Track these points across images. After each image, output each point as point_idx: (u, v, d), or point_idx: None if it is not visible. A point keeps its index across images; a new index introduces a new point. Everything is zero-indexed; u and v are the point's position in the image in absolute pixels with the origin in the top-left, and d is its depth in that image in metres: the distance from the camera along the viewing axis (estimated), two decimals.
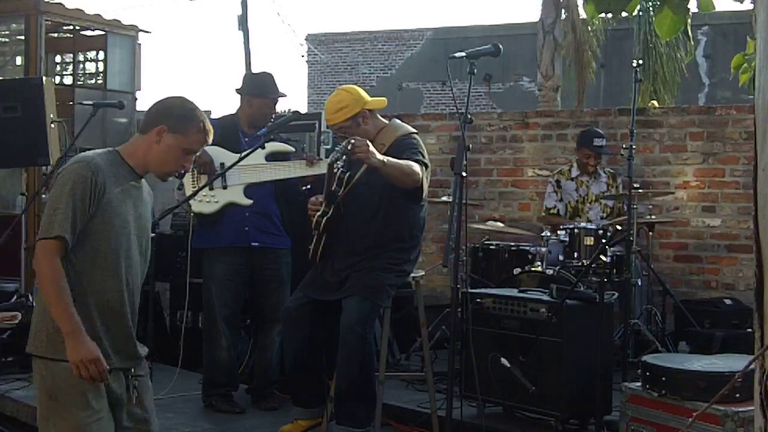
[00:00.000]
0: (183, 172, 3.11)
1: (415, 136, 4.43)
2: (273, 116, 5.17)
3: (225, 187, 4.94)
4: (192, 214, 5.07)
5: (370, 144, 4.08)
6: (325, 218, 4.27)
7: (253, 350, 5.46)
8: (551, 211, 6.53)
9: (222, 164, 4.88)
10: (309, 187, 5.00)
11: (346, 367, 4.18)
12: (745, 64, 4.91)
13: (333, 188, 4.26)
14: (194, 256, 5.16)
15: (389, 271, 4.26)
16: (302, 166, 4.95)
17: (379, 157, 4.06)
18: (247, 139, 5.02)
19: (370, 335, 4.19)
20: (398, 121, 4.57)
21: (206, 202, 4.94)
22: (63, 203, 2.75)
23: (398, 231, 4.33)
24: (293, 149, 5.16)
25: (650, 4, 12.37)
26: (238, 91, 5.17)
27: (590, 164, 6.39)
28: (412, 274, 4.44)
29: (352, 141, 4.03)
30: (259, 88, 5.11)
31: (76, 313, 2.73)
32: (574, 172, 6.49)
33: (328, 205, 4.27)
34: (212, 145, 5.00)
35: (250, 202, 4.96)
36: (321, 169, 4.79)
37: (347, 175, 4.23)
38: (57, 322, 2.73)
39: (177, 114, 2.96)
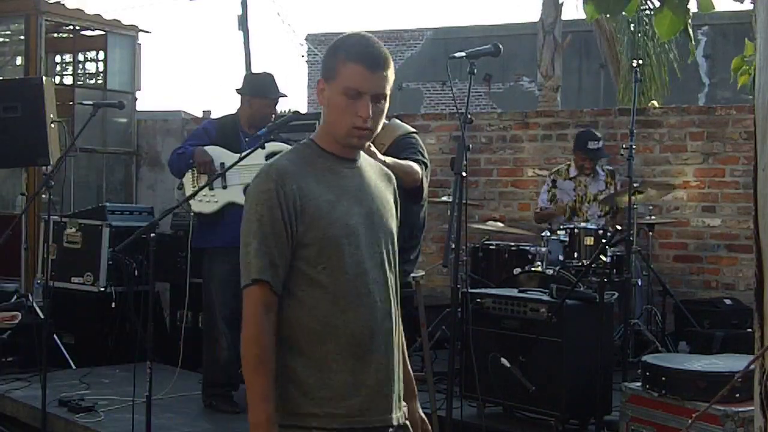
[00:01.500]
0: (364, 127, 2.12)
1: (415, 135, 4.44)
2: (273, 116, 5.18)
3: (225, 187, 4.94)
4: (192, 213, 5.08)
5: (371, 144, 4.08)
6: None
7: None
8: (538, 209, 6.59)
9: (222, 164, 4.89)
10: None
11: None
12: (744, 66, 4.91)
13: None
14: (194, 256, 5.15)
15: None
16: None
17: (380, 156, 4.06)
18: (247, 139, 5.02)
19: None
20: (398, 120, 4.57)
21: (206, 202, 4.95)
22: (251, 236, 2.17)
23: (397, 231, 4.33)
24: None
25: (645, 4, 12.36)
26: (238, 91, 5.18)
27: (586, 166, 6.40)
28: (412, 274, 4.44)
29: None
30: (259, 89, 5.11)
31: (272, 395, 2.04)
32: (572, 172, 6.49)
33: None
34: (213, 144, 5.03)
35: None
36: None
37: None
38: (248, 395, 2.07)
39: (325, 59, 2.19)
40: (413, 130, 4.50)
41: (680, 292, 6.47)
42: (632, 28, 13.31)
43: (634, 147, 5.24)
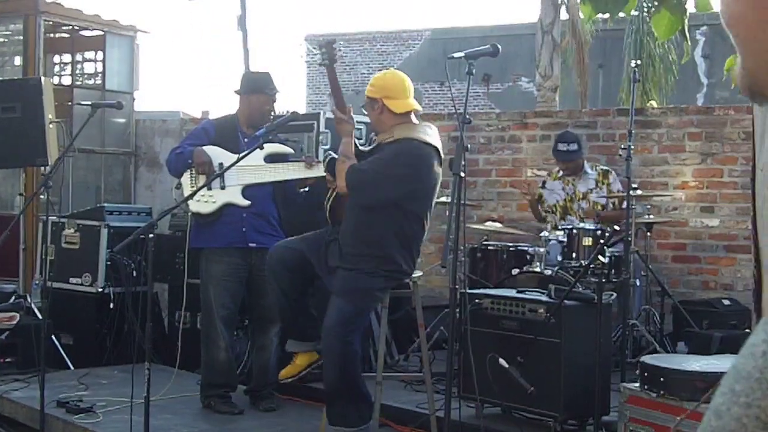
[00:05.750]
0: None
1: (417, 144, 4.24)
2: (272, 114, 5.18)
3: (223, 188, 4.94)
4: (190, 213, 5.07)
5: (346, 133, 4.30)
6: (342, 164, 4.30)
7: (251, 351, 5.45)
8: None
9: (221, 164, 4.88)
10: (307, 189, 5.00)
11: (328, 369, 4.18)
12: None
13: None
14: (192, 256, 5.14)
15: (376, 275, 4.21)
16: (301, 167, 4.95)
17: (343, 150, 4.25)
18: (246, 140, 5.02)
19: (351, 337, 4.15)
20: (428, 126, 4.41)
21: (204, 202, 4.94)
22: None
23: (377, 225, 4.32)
24: (292, 151, 5.17)
25: (646, 4, 12.36)
26: (236, 92, 5.18)
27: (560, 168, 6.44)
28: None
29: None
30: (256, 86, 5.12)
31: None
32: (561, 172, 6.51)
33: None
34: (211, 144, 5.02)
35: (248, 203, 4.95)
36: (320, 171, 4.80)
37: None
38: None
39: None
40: (422, 138, 4.27)
41: (678, 293, 6.47)
42: (616, 26, 13.32)
43: (632, 147, 5.24)
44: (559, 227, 5.96)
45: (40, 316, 5.49)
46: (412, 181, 4.21)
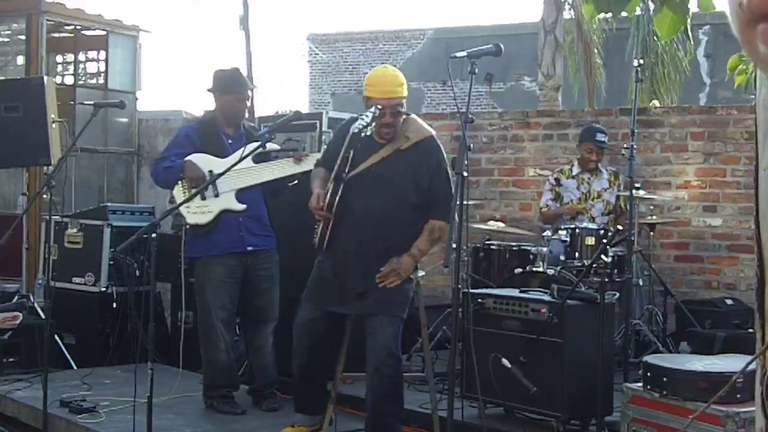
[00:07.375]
0: None
1: (437, 142, 4.37)
2: (246, 110, 5.14)
3: (217, 195, 4.87)
4: (187, 226, 5.00)
5: (399, 270, 4.14)
6: (336, 198, 4.14)
7: (248, 352, 5.42)
8: (542, 209, 6.52)
9: (210, 172, 4.82)
10: (296, 182, 4.97)
11: (388, 390, 4.15)
12: (741, 65, 4.90)
13: (345, 170, 4.15)
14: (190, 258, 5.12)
15: (407, 281, 4.23)
16: (290, 164, 4.91)
17: (410, 264, 4.17)
18: (230, 141, 4.98)
19: (399, 351, 4.20)
20: (414, 116, 4.47)
21: (200, 213, 4.87)
22: None
23: (410, 236, 4.27)
24: (278, 146, 5.11)
25: (650, 3, 12.35)
26: (209, 90, 5.09)
27: (592, 159, 6.35)
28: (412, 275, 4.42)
29: None
30: (227, 86, 5.02)
31: None
32: (575, 170, 6.48)
33: (337, 184, 4.14)
34: (197, 151, 4.94)
35: (243, 207, 4.89)
36: (309, 165, 4.76)
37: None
38: None
39: None
40: (433, 132, 4.39)
41: (681, 292, 6.46)
42: (619, 26, 13.29)
43: (635, 147, 5.23)
44: (563, 226, 5.94)
45: (43, 316, 5.49)
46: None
